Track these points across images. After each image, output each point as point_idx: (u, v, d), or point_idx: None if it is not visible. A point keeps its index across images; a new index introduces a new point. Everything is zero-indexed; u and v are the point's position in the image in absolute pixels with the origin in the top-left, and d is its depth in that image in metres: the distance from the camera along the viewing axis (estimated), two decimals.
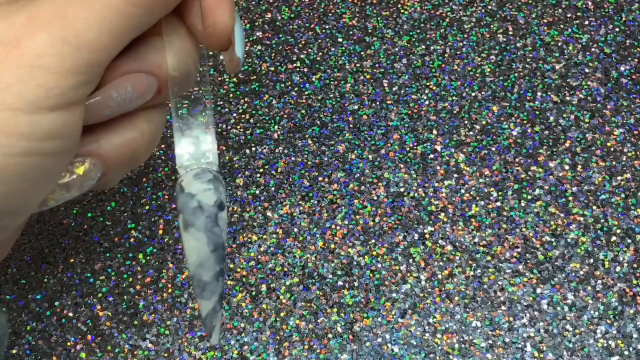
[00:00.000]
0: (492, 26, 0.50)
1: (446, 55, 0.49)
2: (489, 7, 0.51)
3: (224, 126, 0.46)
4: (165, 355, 0.39)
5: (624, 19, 0.50)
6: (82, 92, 0.23)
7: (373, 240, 0.42)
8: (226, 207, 0.23)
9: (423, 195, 0.43)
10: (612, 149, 0.45)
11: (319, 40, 0.49)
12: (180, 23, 0.26)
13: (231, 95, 0.47)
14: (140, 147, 0.26)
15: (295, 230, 0.42)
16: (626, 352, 0.38)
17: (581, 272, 0.41)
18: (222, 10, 0.25)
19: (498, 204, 0.43)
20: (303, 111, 0.46)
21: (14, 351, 0.39)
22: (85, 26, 0.22)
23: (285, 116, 0.46)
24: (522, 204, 0.43)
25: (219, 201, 0.24)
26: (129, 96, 0.25)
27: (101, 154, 0.25)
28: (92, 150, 0.25)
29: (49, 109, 0.22)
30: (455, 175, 0.44)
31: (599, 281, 0.41)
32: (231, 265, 0.41)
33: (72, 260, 0.42)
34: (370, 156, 0.45)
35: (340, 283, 0.41)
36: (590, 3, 0.50)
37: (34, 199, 0.23)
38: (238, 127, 0.46)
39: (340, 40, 0.49)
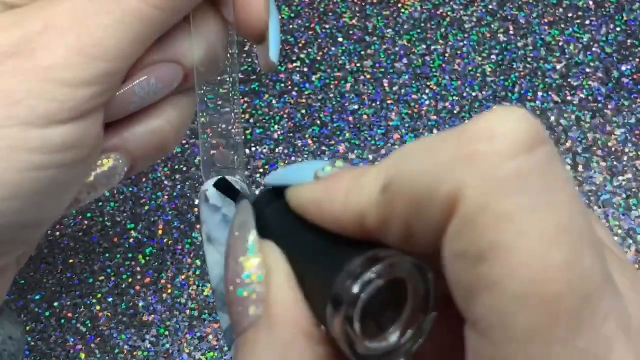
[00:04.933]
0: (492, 26, 0.50)
1: (447, 54, 0.49)
2: (490, 7, 0.50)
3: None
4: (165, 355, 0.39)
5: (625, 18, 0.50)
6: (99, 102, 0.21)
7: None
8: None
9: None
10: (613, 148, 0.45)
11: (319, 40, 0.49)
12: (208, 8, 0.24)
13: None
14: (169, 135, 0.24)
15: None
16: None
17: None
18: (257, 4, 0.23)
19: None
20: (303, 111, 0.46)
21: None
22: (105, 35, 0.20)
23: (285, 116, 0.46)
24: None
25: None
26: (152, 89, 0.23)
27: (125, 147, 0.24)
28: (116, 145, 0.23)
29: (62, 121, 0.20)
30: None
31: None
32: None
33: (71, 261, 0.41)
34: (370, 156, 0.45)
35: None
36: (591, 2, 0.50)
37: (53, 209, 0.22)
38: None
39: (340, 39, 0.49)
